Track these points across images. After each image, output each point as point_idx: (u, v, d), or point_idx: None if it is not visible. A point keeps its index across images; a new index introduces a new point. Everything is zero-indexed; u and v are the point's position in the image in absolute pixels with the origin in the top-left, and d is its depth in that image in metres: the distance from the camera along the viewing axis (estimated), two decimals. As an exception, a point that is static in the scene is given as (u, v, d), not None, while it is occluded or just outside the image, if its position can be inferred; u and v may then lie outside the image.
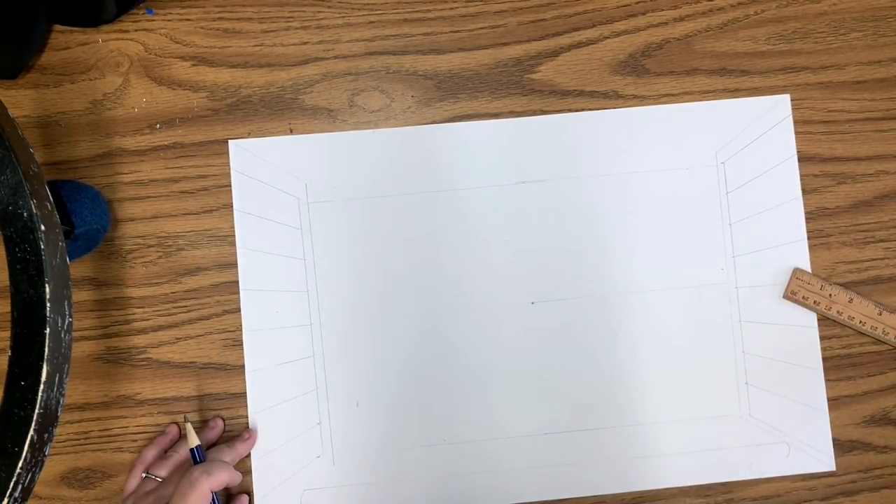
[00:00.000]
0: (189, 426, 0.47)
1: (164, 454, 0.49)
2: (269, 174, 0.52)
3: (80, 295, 0.51)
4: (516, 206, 0.52)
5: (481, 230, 0.52)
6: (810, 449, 0.51)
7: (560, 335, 0.52)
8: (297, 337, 0.51)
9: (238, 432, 0.50)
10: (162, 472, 0.47)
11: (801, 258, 0.52)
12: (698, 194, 0.52)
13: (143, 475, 0.48)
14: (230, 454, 0.48)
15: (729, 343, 0.52)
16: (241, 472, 0.50)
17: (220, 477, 0.45)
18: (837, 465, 0.52)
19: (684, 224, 0.52)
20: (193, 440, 0.47)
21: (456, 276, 0.52)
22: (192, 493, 0.43)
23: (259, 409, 0.51)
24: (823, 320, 0.52)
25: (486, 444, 0.51)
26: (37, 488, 0.49)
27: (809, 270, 0.52)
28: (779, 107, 0.53)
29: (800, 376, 0.52)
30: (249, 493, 0.50)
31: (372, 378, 0.51)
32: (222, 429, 0.50)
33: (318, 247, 0.52)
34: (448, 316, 0.52)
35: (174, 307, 0.51)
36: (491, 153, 0.52)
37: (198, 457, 0.46)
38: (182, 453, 0.48)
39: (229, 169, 0.52)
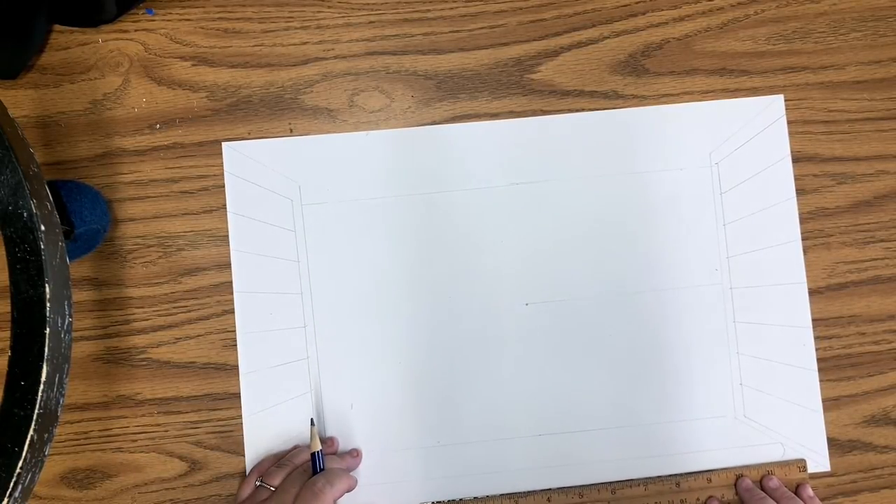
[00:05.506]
0: (314, 429, 0.47)
1: (279, 462, 0.48)
2: (262, 176, 0.52)
3: (80, 295, 0.51)
4: (510, 207, 0.52)
5: (475, 232, 0.52)
6: (805, 449, 0.51)
7: (554, 336, 0.52)
8: (291, 339, 0.51)
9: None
10: (275, 480, 0.46)
11: (796, 258, 0.52)
12: (692, 195, 0.52)
13: (257, 483, 0.47)
14: (341, 465, 0.48)
15: (723, 344, 0.52)
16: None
17: (341, 486, 0.45)
18: (838, 465, 0.52)
19: (678, 225, 0.52)
20: (316, 444, 0.46)
21: (450, 277, 0.52)
22: (316, 503, 0.42)
23: (253, 412, 0.51)
24: (821, 320, 0.52)
25: (481, 445, 0.51)
26: (37, 488, 0.49)
27: (803, 271, 0.52)
28: (772, 107, 0.53)
29: (794, 377, 0.52)
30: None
31: (366, 380, 0.51)
32: (338, 447, 0.50)
33: (311, 249, 0.52)
34: (442, 318, 0.51)
35: (174, 307, 0.51)
36: (483, 155, 0.52)
37: (319, 462, 0.46)
38: (297, 461, 0.47)
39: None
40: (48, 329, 0.35)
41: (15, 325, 0.35)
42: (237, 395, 0.51)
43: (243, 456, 0.50)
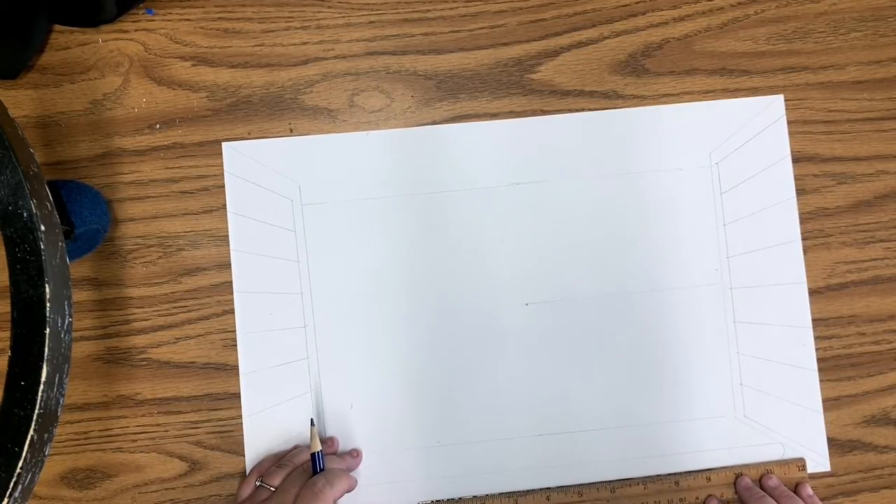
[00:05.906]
0: (314, 429, 0.47)
1: (279, 462, 0.48)
2: (262, 176, 0.52)
3: (80, 295, 0.51)
4: (510, 207, 0.52)
5: (475, 231, 0.52)
6: (805, 449, 0.51)
7: (554, 336, 0.52)
8: (291, 339, 0.51)
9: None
10: (275, 480, 0.46)
11: (796, 259, 0.52)
12: (692, 195, 0.52)
13: (257, 483, 0.47)
14: (341, 465, 0.48)
15: (723, 344, 0.52)
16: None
17: (341, 486, 0.45)
18: (838, 465, 0.52)
19: (678, 225, 0.52)
20: (316, 444, 0.46)
21: (450, 277, 0.52)
22: (316, 503, 0.42)
23: (253, 412, 0.51)
24: (821, 320, 0.52)
25: (481, 445, 0.51)
26: (37, 488, 0.49)
27: (803, 271, 0.52)
28: (773, 107, 0.53)
29: (794, 377, 0.52)
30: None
31: (366, 380, 0.51)
32: (338, 447, 0.50)
33: (311, 249, 0.52)
34: (442, 317, 0.51)
35: (174, 307, 0.51)
36: (484, 155, 0.52)
37: (319, 462, 0.46)
38: (297, 461, 0.47)
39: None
40: (48, 329, 0.35)
41: (15, 325, 0.35)
42: (237, 395, 0.51)
43: (243, 456, 0.50)
